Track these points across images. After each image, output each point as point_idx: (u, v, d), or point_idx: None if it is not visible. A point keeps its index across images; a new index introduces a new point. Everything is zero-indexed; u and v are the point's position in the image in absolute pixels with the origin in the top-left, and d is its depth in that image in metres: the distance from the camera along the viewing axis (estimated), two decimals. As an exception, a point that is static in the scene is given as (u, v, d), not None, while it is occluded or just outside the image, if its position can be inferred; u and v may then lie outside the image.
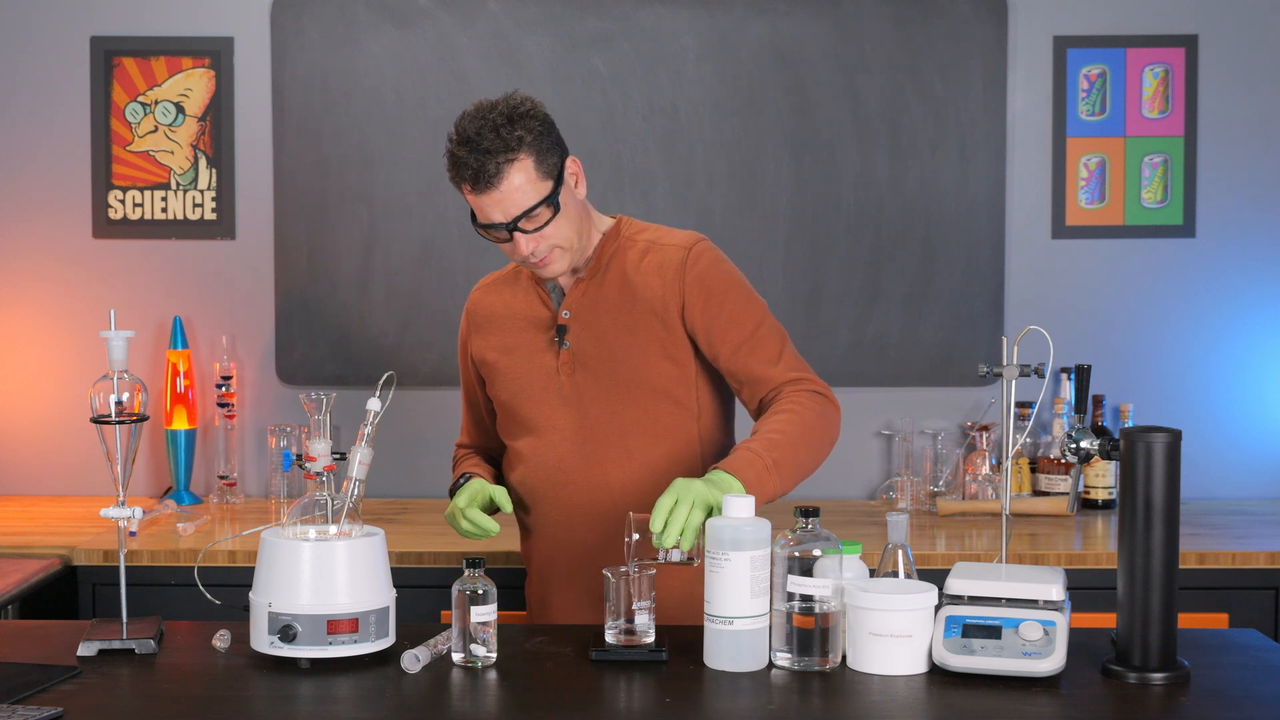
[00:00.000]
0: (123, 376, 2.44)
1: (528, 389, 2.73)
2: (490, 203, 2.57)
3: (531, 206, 2.56)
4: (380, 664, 2.36)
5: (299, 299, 4.03)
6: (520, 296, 2.78)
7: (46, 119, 4.04)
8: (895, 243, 4.02)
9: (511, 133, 2.55)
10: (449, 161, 2.59)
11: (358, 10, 4.00)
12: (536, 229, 2.59)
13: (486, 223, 2.59)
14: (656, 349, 2.68)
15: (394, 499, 3.95)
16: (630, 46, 3.99)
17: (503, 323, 2.79)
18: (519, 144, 2.55)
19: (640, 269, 2.70)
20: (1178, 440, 2.29)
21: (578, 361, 2.70)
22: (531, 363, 2.73)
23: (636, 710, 2.22)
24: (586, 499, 2.70)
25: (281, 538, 2.38)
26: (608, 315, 2.69)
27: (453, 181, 2.62)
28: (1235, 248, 4.02)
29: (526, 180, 2.56)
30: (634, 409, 2.68)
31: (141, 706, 2.23)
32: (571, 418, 2.70)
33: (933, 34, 3.99)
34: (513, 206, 2.56)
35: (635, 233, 2.74)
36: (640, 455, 2.68)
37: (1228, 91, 4.00)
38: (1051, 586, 2.33)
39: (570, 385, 2.70)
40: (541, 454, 2.73)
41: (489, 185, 2.55)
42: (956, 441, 3.99)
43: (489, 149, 2.54)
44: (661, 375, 2.69)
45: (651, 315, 2.68)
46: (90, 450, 3.95)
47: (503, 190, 2.55)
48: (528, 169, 2.56)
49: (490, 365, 2.79)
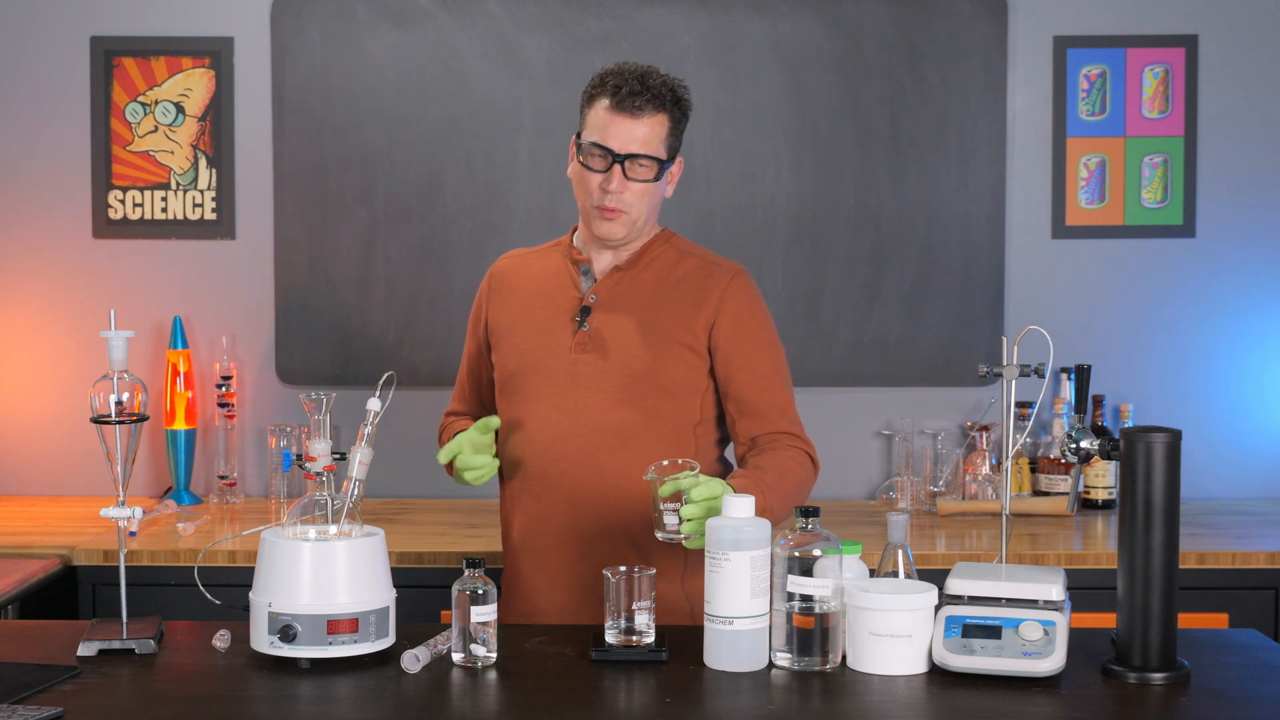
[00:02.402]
0: (123, 376, 2.44)
1: (536, 362, 2.75)
2: (621, 126, 2.68)
3: (647, 154, 2.68)
4: (380, 664, 2.36)
5: (299, 299, 4.03)
6: (550, 271, 2.81)
7: (46, 119, 4.04)
8: (895, 243, 4.02)
9: (669, 95, 2.71)
10: (600, 76, 2.71)
11: (358, 10, 4.00)
12: (634, 179, 2.69)
13: (601, 142, 2.67)
14: (675, 351, 2.71)
15: (394, 499, 3.95)
16: (630, 46, 3.99)
17: (525, 291, 2.81)
18: (672, 106, 2.71)
19: (679, 275, 2.76)
20: (1178, 440, 2.29)
21: (593, 344, 2.72)
22: (546, 336, 2.75)
23: (636, 710, 2.22)
24: (573, 480, 2.71)
25: (281, 538, 2.38)
26: (635, 309, 2.73)
27: (590, 95, 2.73)
28: (1235, 248, 4.02)
29: (658, 134, 2.69)
30: (639, 403, 2.70)
31: (141, 706, 2.23)
32: (575, 398, 2.72)
33: (933, 34, 3.99)
34: (633, 143, 2.68)
35: (683, 245, 2.82)
36: (636, 448, 2.69)
37: (1228, 91, 4.00)
38: (1051, 586, 2.33)
39: (581, 365, 2.72)
40: (536, 429, 2.74)
41: (632, 112, 2.67)
42: (956, 441, 3.99)
43: (652, 89, 2.68)
44: (673, 377, 2.71)
45: (679, 319, 2.72)
46: (90, 450, 3.95)
47: (638, 124, 2.68)
48: (663, 127, 2.70)
49: (502, 331, 2.81)
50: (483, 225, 4.01)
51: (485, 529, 3.58)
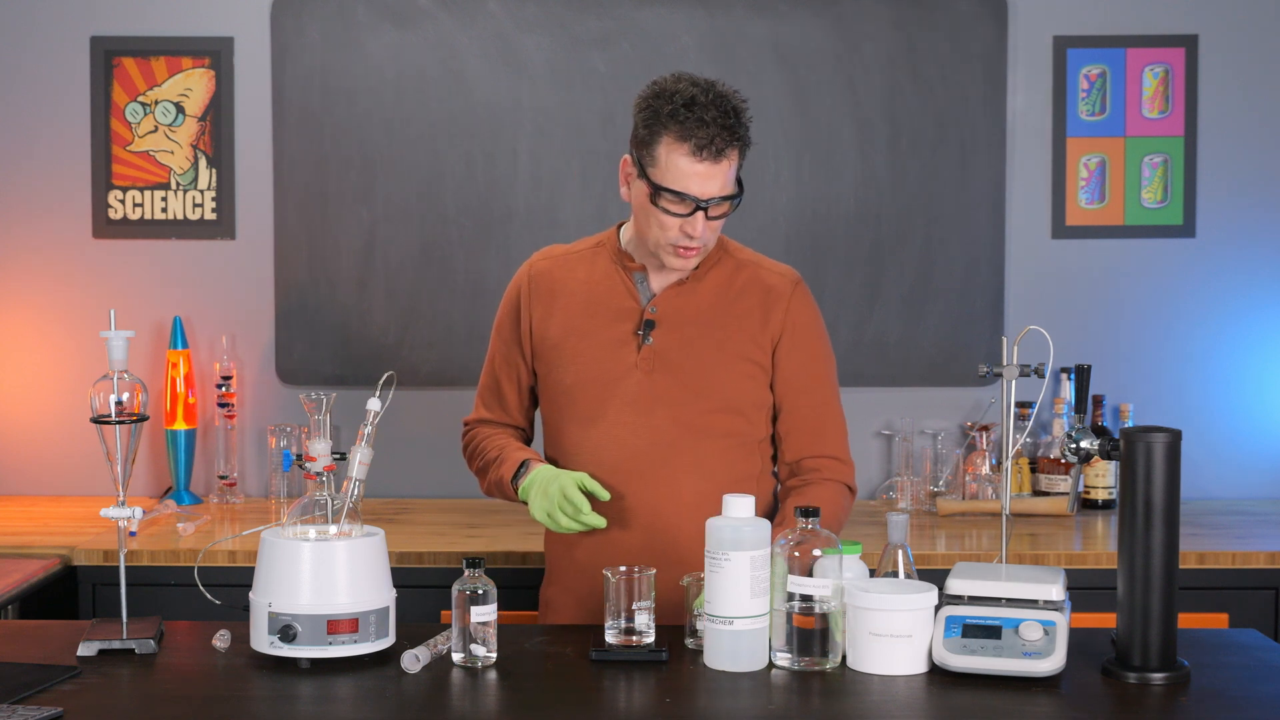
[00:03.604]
0: (123, 376, 2.44)
1: (598, 378, 2.66)
2: (702, 174, 2.55)
3: (728, 195, 2.59)
4: (380, 664, 2.36)
5: (299, 299, 4.03)
6: (600, 278, 2.71)
7: (46, 119, 4.04)
8: (895, 243, 4.02)
9: (741, 123, 2.59)
10: (670, 116, 2.54)
11: (358, 10, 4.00)
12: (716, 218, 2.59)
13: (682, 190, 2.55)
14: (742, 366, 2.66)
15: (394, 499, 3.95)
16: (630, 46, 3.99)
17: (576, 300, 2.70)
18: (745, 135, 2.60)
19: (739, 287, 2.70)
20: (1178, 440, 2.29)
21: (658, 361, 2.65)
22: (607, 352, 2.66)
23: (636, 710, 2.22)
24: (650, 504, 2.64)
25: (281, 538, 2.38)
26: (697, 323, 2.66)
27: (655, 134, 2.55)
28: (1235, 248, 4.02)
29: (733, 169, 2.59)
30: (709, 420, 2.65)
31: (141, 706, 2.23)
32: (641, 417, 2.64)
33: (933, 34, 3.99)
34: (713, 186, 2.56)
35: (737, 250, 2.75)
36: (709, 467, 2.64)
37: (1228, 91, 4.00)
38: (1051, 586, 2.33)
39: (647, 384, 2.64)
40: (605, 449, 2.65)
41: (716, 156, 2.55)
42: (956, 441, 3.99)
43: (729, 127, 2.55)
44: (740, 392, 2.66)
45: (744, 334, 2.67)
46: (90, 450, 3.94)
47: (720, 168, 2.56)
48: (737, 161, 2.60)
49: (554, 343, 2.70)
50: (483, 225, 4.01)
51: (485, 529, 3.58)
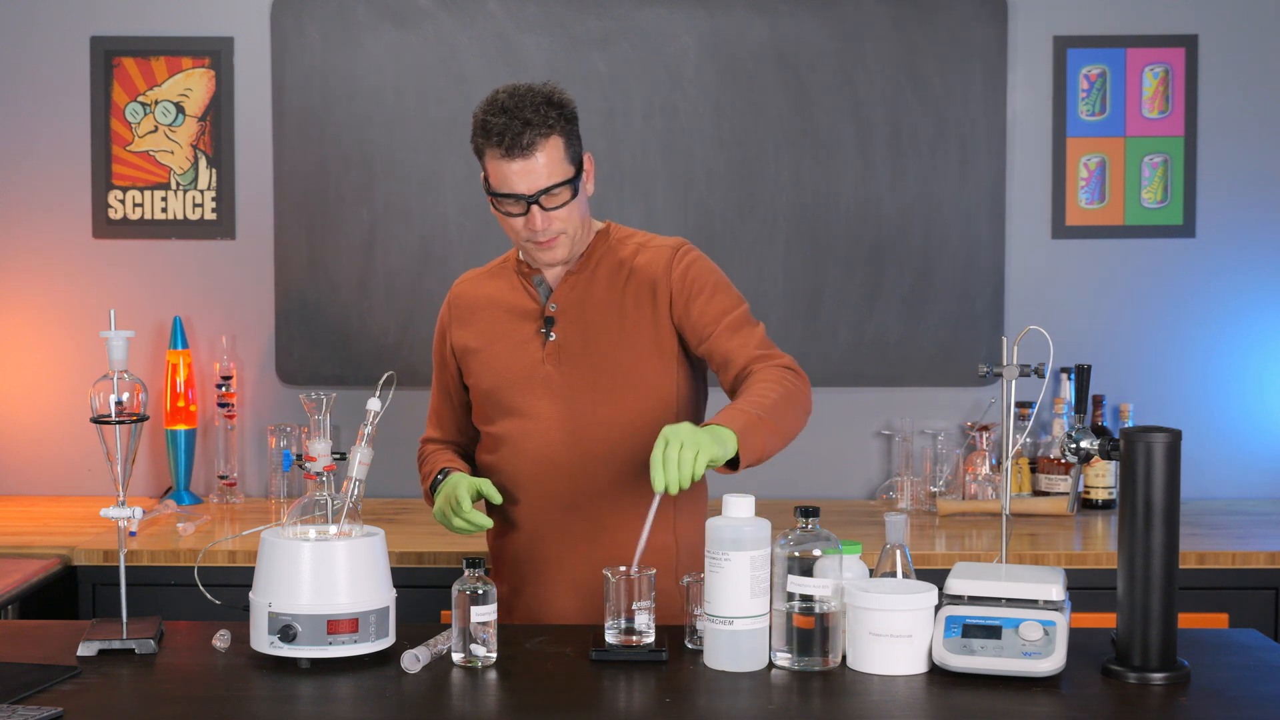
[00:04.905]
0: (123, 376, 2.44)
1: (511, 378, 2.75)
2: (518, 171, 2.61)
3: (555, 184, 2.63)
4: (380, 664, 2.36)
5: (299, 299, 4.03)
6: (505, 289, 2.81)
7: (46, 119, 4.04)
8: (895, 242, 4.02)
9: (550, 111, 2.63)
10: (479, 127, 2.64)
11: (358, 10, 4.00)
12: (554, 208, 2.64)
13: (508, 191, 2.63)
14: (644, 343, 2.71)
15: (394, 499, 3.95)
16: (630, 46, 3.99)
17: (486, 313, 2.81)
18: (556, 122, 2.63)
19: (630, 266, 2.74)
20: (1178, 440, 2.29)
21: (564, 353, 2.72)
22: (516, 352, 2.75)
23: (636, 710, 2.22)
24: (571, 487, 2.71)
25: (281, 538, 2.38)
26: (596, 310, 2.73)
27: (478, 147, 2.66)
28: (1235, 248, 4.02)
29: (556, 158, 2.63)
30: (620, 402, 2.70)
31: (141, 706, 2.23)
32: (557, 407, 2.72)
33: (933, 34, 3.99)
34: (538, 180, 2.62)
35: (624, 236, 2.80)
36: (625, 447, 2.69)
37: (1228, 91, 4.00)
38: (1051, 586, 2.33)
39: (556, 375, 2.72)
40: (528, 438, 2.73)
41: (523, 153, 2.60)
42: (956, 441, 3.99)
43: (529, 120, 2.60)
44: (647, 369, 2.71)
45: (640, 309, 2.72)
46: (90, 450, 3.95)
47: (533, 161, 2.61)
48: (559, 148, 2.63)
49: (472, 353, 2.80)
50: (483, 225, 4.00)
51: (485, 529, 3.58)
